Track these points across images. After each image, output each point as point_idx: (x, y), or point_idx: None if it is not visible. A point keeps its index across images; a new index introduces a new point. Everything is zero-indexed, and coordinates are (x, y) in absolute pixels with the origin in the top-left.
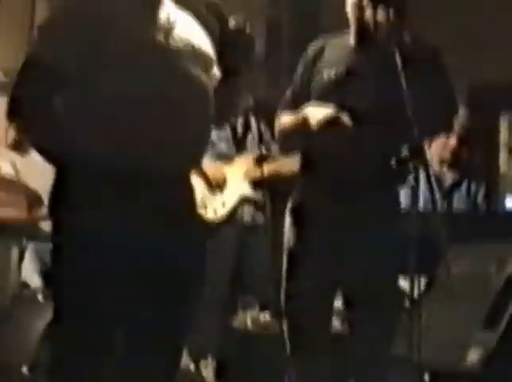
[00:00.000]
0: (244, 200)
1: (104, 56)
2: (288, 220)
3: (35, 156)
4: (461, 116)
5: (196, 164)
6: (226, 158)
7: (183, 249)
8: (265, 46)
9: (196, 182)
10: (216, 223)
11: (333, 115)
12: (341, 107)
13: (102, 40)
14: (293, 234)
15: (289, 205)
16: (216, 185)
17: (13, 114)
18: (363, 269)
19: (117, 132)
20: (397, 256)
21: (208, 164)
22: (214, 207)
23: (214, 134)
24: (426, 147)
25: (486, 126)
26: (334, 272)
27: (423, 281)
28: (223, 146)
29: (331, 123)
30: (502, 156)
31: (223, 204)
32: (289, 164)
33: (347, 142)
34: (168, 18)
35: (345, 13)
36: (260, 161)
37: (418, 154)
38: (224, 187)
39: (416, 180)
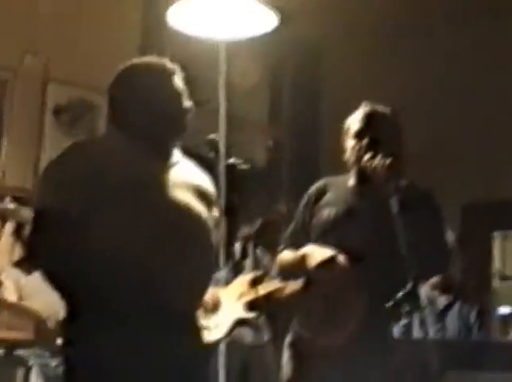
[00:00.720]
0: (239, 322)
1: (107, 195)
2: (286, 353)
3: (39, 275)
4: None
5: (201, 299)
6: (223, 284)
7: (188, 374)
8: (266, 163)
9: None
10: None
11: (331, 257)
12: (339, 246)
13: (104, 181)
14: (291, 367)
15: (288, 339)
16: (210, 309)
17: (19, 235)
18: None
19: (124, 268)
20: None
21: None
22: (209, 330)
23: None
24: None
25: (478, 246)
26: None
27: None
28: (220, 272)
29: (329, 264)
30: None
31: (218, 327)
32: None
33: (344, 280)
34: (172, 164)
35: (342, 141)
36: (255, 282)
37: (413, 298)
38: (219, 309)
39: (411, 317)
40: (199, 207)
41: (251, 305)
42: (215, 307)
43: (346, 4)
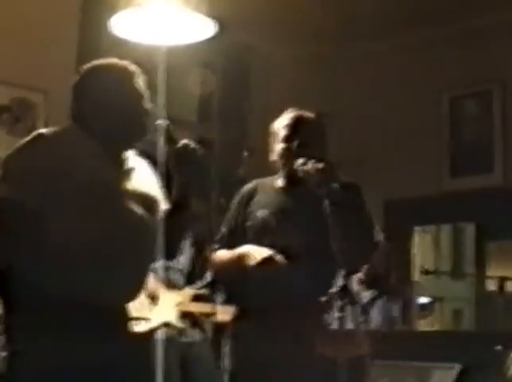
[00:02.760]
0: (166, 326)
1: (64, 190)
2: (226, 343)
3: None
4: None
5: (135, 296)
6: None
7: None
8: None
9: None
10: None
11: (269, 256)
12: (274, 246)
13: (62, 175)
14: (231, 356)
15: (228, 331)
16: (150, 298)
17: None
18: None
19: (67, 265)
20: (328, 372)
21: (153, 279)
22: (138, 321)
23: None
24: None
25: (400, 240)
26: None
27: None
28: (174, 274)
29: (267, 262)
30: (416, 265)
31: (147, 321)
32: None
33: (281, 277)
34: (126, 166)
35: (270, 143)
36: (197, 299)
37: (344, 292)
38: (155, 305)
39: (343, 311)
40: (142, 209)
41: (184, 316)
42: (153, 300)
43: (276, 14)
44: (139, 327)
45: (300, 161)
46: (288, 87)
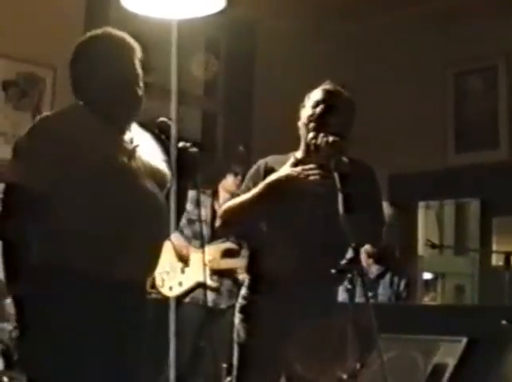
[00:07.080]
0: (200, 286)
1: (74, 175)
2: (237, 316)
3: None
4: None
5: (151, 270)
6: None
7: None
8: (201, 132)
9: (166, 251)
10: (169, 299)
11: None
12: (287, 208)
13: (72, 161)
14: (243, 329)
15: (238, 304)
16: (181, 260)
17: None
18: (308, 358)
19: (83, 240)
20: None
21: (178, 238)
22: (170, 284)
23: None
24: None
25: (405, 216)
26: (281, 362)
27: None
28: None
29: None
30: (420, 240)
31: (180, 284)
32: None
33: (294, 246)
34: (132, 142)
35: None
36: (227, 254)
37: (354, 264)
38: (186, 267)
39: (352, 283)
40: (153, 185)
41: (216, 272)
42: (184, 262)
43: None
44: (173, 291)
45: (311, 134)
46: (292, 61)
